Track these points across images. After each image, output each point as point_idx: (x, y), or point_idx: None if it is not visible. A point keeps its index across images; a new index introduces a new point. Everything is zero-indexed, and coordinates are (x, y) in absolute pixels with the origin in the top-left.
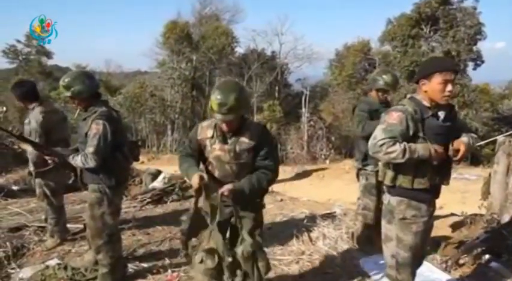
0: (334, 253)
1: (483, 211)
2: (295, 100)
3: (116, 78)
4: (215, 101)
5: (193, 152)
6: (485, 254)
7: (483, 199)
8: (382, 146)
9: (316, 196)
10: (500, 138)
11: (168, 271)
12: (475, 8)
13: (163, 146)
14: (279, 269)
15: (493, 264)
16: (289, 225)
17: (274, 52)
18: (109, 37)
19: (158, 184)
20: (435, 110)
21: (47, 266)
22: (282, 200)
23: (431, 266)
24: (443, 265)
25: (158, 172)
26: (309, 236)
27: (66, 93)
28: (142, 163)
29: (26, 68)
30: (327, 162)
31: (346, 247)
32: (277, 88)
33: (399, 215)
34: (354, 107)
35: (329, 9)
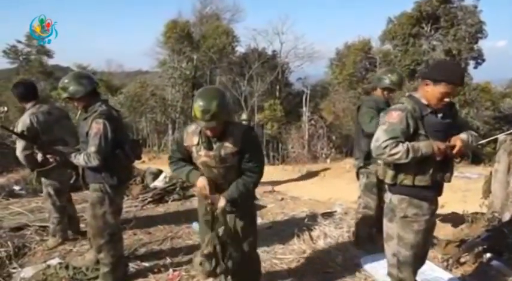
0: (335, 252)
1: (484, 210)
2: (296, 99)
3: (117, 78)
4: (198, 108)
5: (184, 157)
6: (486, 253)
7: (484, 197)
8: (385, 148)
9: (317, 195)
10: (501, 137)
11: (169, 270)
12: (476, 7)
13: (164, 146)
14: (279, 268)
15: (494, 263)
16: (290, 224)
17: (275, 51)
18: (110, 37)
19: (159, 183)
20: (433, 108)
21: (49, 265)
22: (282, 199)
23: (432, 265)
24: (444, 264)
25: (159, 171)
26: (310, 235)
27: (64, 95)
28: (143, 162)
29: (27, 68)
30: (328, 161)
31: (347, 246)
32: (278, 87)
33: (400, 214)
34: (358, 107)
35: (329, 8)
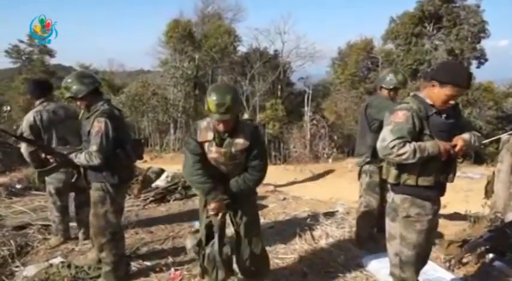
0: (337, 252)
1: (487, 210)
2: (298, 99)
3: (119, 77)
4: (213, 102)
5: (200, 152)
6: (488, 253)
7: (487, 197)
8: (393, 148)
9: (318, 194)
10: (504, 137)
11: (171, 269)
12: (479, 6)
13: (166, 145)
14: (281, 267)
15: (496, 263)
16: (292, 224)
17: (276, 51)
18: (110, 36)
19: (161, 182)
20: (438, 108)
21: (51, 264)
22: (284, 199)
23: (434, 265)
24: (446, 264)
25: (161, 171)
26: (311, 235)
27: (66, 94)
28: (145, 161)
29: (29, 68)
30: (330, 161)
31: (349, 246)
32: (279, 87)
33: (403, 213)
34: (366, 105)
35: (331, 7)
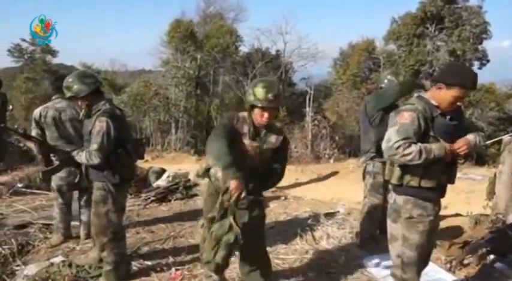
0: (338, 253)
1: (488, 211)
2: (299, 99)
3: (121, 77)
4: (262, 89)
5: (229, 137)
6: (490, 255)
7: (488, 199)
8: (398, 148)
9: (319, 194)
10: (505, 138)
11: (171, 269)
12: (481, 7)
13: (167, 145)
14: (282, 268)
15: (498, 264)
16: (292, 224)
17: (278, 51)
18: (110, 36)
19: (162, 182)
20: (442, 110)
21: (52, 263)
22: (285, 199)
23: (435, 266)
24: (447, 265)
25: (162, 171)
26: (312, 236)
27: (68, 94)
28: (147, 161)
29: (32, 67)
30: (331, 161)
31: (350, 246)
32: (281, 87)
33: (406, 214)
34: (365, 104)
35: (333, 7)
